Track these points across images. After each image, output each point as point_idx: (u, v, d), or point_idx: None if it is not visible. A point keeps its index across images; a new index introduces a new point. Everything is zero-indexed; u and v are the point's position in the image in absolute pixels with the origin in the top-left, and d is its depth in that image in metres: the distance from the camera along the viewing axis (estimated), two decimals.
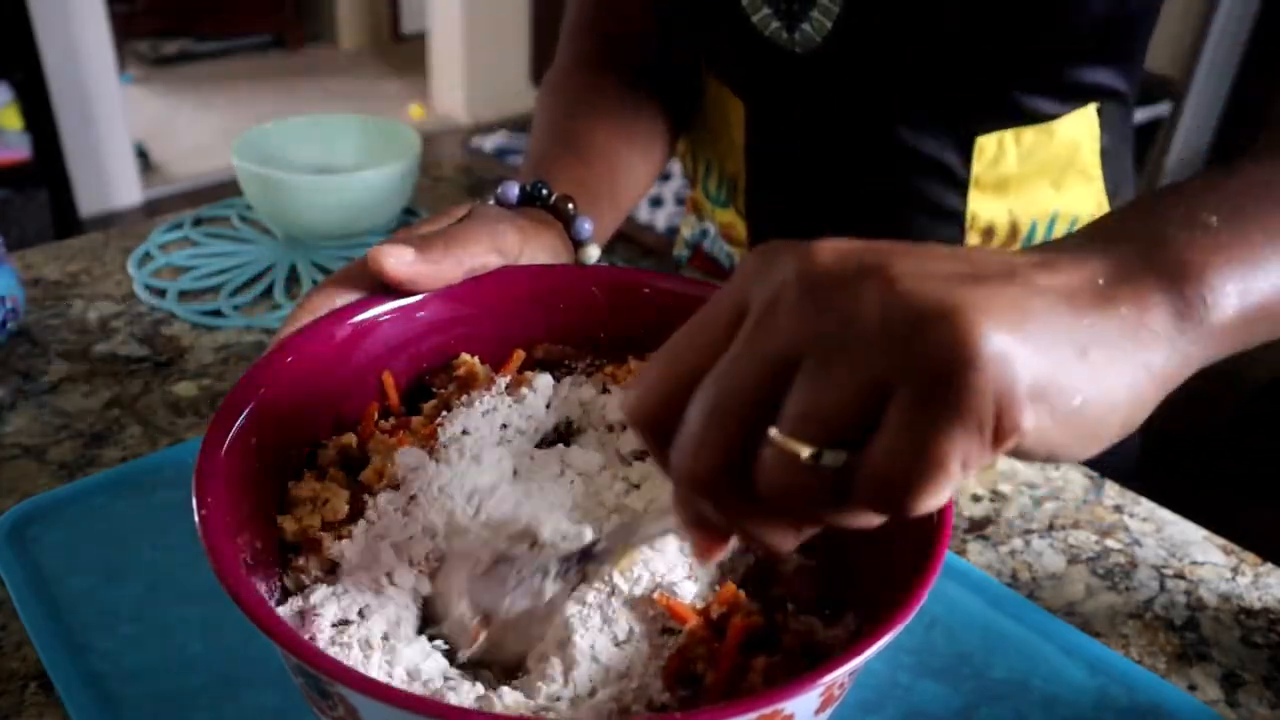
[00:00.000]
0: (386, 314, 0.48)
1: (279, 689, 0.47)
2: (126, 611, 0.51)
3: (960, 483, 0.28)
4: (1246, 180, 0.39)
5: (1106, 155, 0.71)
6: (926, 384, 0.26)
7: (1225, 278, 0.33)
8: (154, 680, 0.48)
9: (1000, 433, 0.27)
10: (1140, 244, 0.33)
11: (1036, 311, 0.28)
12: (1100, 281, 0.31)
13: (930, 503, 0.27)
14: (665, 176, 2.89)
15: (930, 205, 0.70)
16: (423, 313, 0.49)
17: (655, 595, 0.41)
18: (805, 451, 0.28)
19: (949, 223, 0.71)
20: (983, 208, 0.70)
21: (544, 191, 0.58)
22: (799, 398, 0.28)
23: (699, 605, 0.41)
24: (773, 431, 0.28)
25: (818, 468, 0.28)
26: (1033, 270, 0.30)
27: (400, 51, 4.70)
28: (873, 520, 0.29)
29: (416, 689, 0.38)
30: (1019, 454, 0.29)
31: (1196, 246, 0.34)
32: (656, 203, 3.38)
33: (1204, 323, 0.33)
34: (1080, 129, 0.69)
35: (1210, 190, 0.38)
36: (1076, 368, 0.29)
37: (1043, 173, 0.70)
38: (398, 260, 0.47)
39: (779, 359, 0.29)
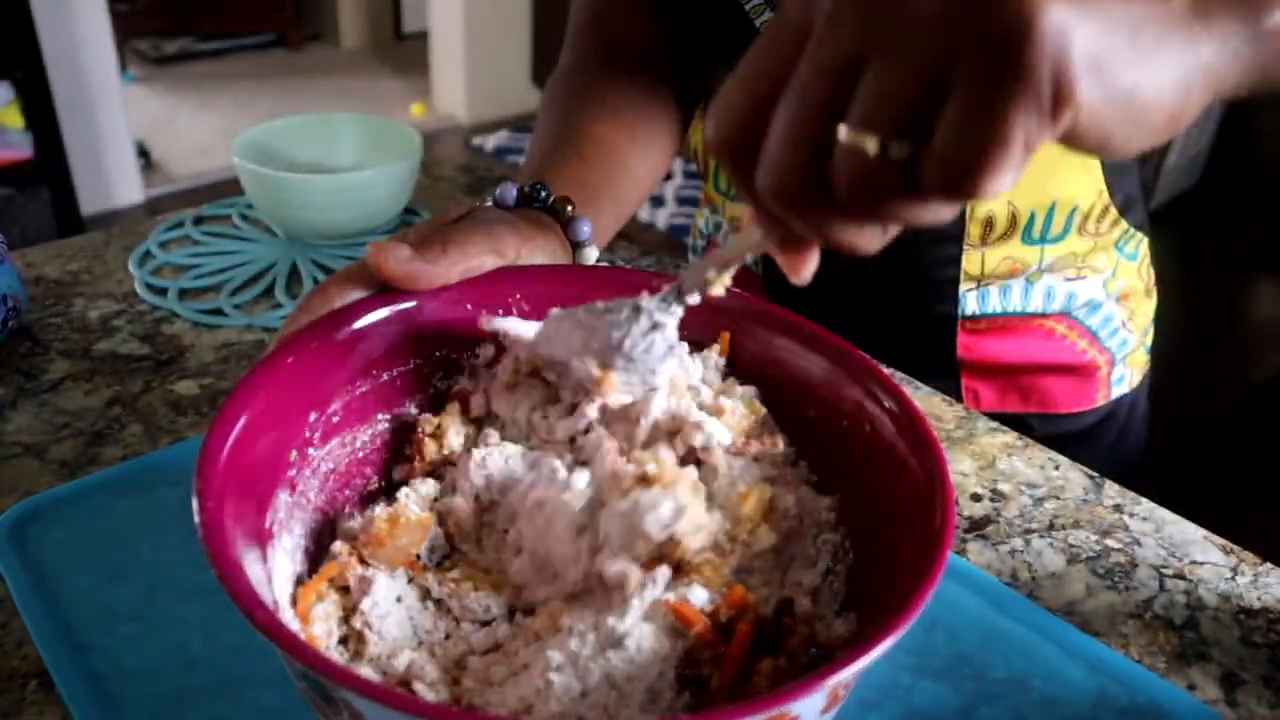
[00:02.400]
0: (385, 315, 0.48)
1: (279, 688, 0.47)
2: (127, 610, 0.51)
3: (1023, 165, 0.28)
4: None
5: None
6: (986, 59, 0.27)
7: None
8: (154, 679, 0.48)
9: (1058, 101, 0.27)
10: None
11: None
12: None
13: (997, 182, 0.28)
14: (667, 176, 2.89)
15: None
16: (421, 314, 0.49)
17: (663, 600, 0.41)
18: (872, 143, 0.29)
19: None
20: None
21: (542, 193, 0.58)
22: (865, 92, 0.29)
23: (708, 609, 0.41)
24: (841, 128, 0.29)
25: (886, 159, 0.29)
26: None
27: (401, 51, 4.70)
28: (945, 211, 0.30)
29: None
30: (1073, 140, 0.29)
31: None
32: (658, 202, 3.39)
33: (1260, 24, 0.33)
34: None
35: None
36: (1128, 48, 0.29)
37: (1041, 160, 0.71)
38: (395, 258, 0.47)
39: (847, 61, 0.29)
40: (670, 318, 0.44)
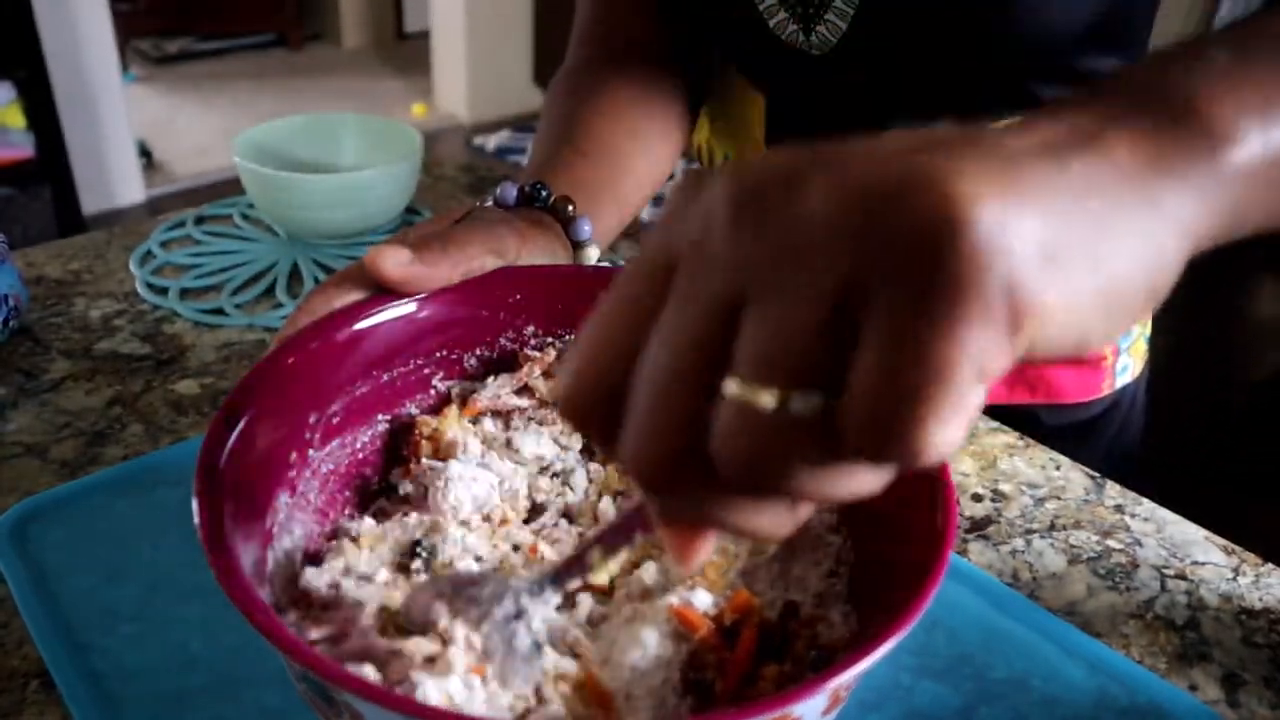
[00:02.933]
0: (385, 316, 0.48)
1: (279, 688, 0.47)
2: (127, 610, 0.51)
3: (978, 401, 0.22)
4: (1249, 30, 0.33)
5: None
6: (909, 273, 0.21)
7: (1240, 110, 0.28)
8: (154, 679, 0.48)
9: (1016, 313, 0.22)
10: (1133, 91, 0.28)
11: (1020, 164, 0.23)
12: (1086, 129, 0.26)
13: (943, 432, 0.21)
14: (670, 176, 2.89)
15: None
16: (421, 315, 0.49)
17: (668, 603, 0.41)
18: (768, 399, 0.22)
19: None
20: None
21: (543, 192, 0.58)
22: (752, 335, 0.23)
23: (712, 612, 0.41)
24: (729, 382, 0.23)
25: (788, 418, 0.22)
26: (1001, 134, 0.25)
27: (402, 50, 4.70)
28: (872, 479, 0.24)
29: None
30: (1043, 347, 0.23)
31: (1202, 81, 0.28)
32: (660, 201, 3.39)
33: (1223, 160, 0.27)
34: None
35: (1209, 41, 0.32)
36: (1081, 223, 0.24)
37: None
38: (394, 261, 0.47)
39: (723, 300, 0.24)
40: (541, 607, 0.38)
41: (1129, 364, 0.87)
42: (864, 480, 0.24)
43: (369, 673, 0.37)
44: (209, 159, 3.55)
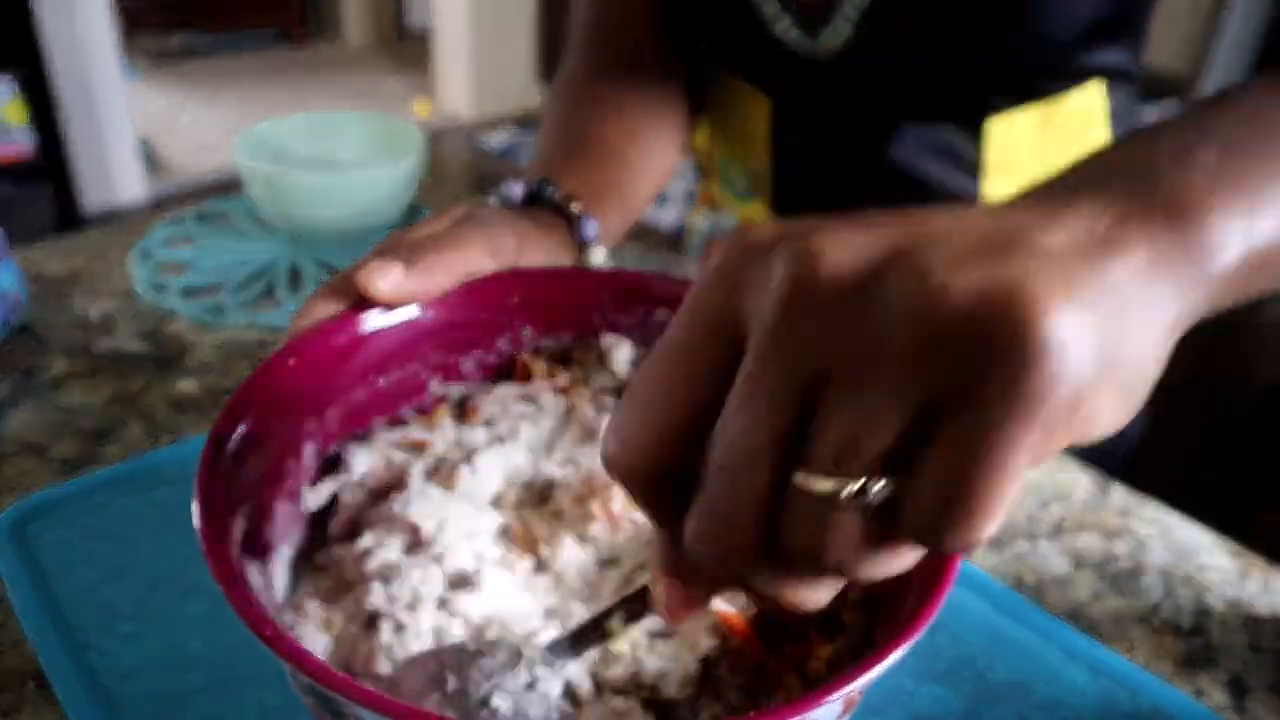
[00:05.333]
0: (383, 322, 0.48)
1: (279, 688, 0.47)
2: (126, 609, 0.51)
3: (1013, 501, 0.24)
4: (1236, 114, 0.35)
5: (1117, 118, 0.74)
6: (990, 384, 0.22)
7: (1227, 220, 0.30)
8: (153, 678, 0.47)
9: (1078, 418, 0.23)
10: (1134, 181, 0.29)
11: (1069, 269, 0.24)
12: (1105, 225, 0.27)
13: (990, 527, 0.23)
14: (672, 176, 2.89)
15: (947, 192, 0.72)
16: (418, 319, 0.49)
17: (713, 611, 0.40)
18: (850, 488, 0.23)
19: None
20: (997, 190, 0.73)
21: (548, 190, 0.58)
22: (833, 426, 0.24)
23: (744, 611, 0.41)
24: (809, 478, 0.24)
25: (862, 506, 0.24)
26: (1036, 230, 0.26)
27: (406, 48, 4.70)
28: (910, 561, 0.25)
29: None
30: (1079, 441, 0.25)
31: (1193, 186, 0.30)
32: (664, 201, 3.39)
33: (1209, 268, 0.29)
34: (1090, 102, 0.72)
35: (1198, 127, 0.34)
36: (1117, 323, 0.25)
37: (1054, 148, 0.72)
38: (387, 283, 0.46)
39: (801, 392, 0.24)
40: (557, 677, 0.36)
41: None
42: (909, 561, 0.25)
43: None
44: (211, 156, 3.54)
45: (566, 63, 0.78)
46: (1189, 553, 0.59)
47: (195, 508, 0.36)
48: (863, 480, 0.24)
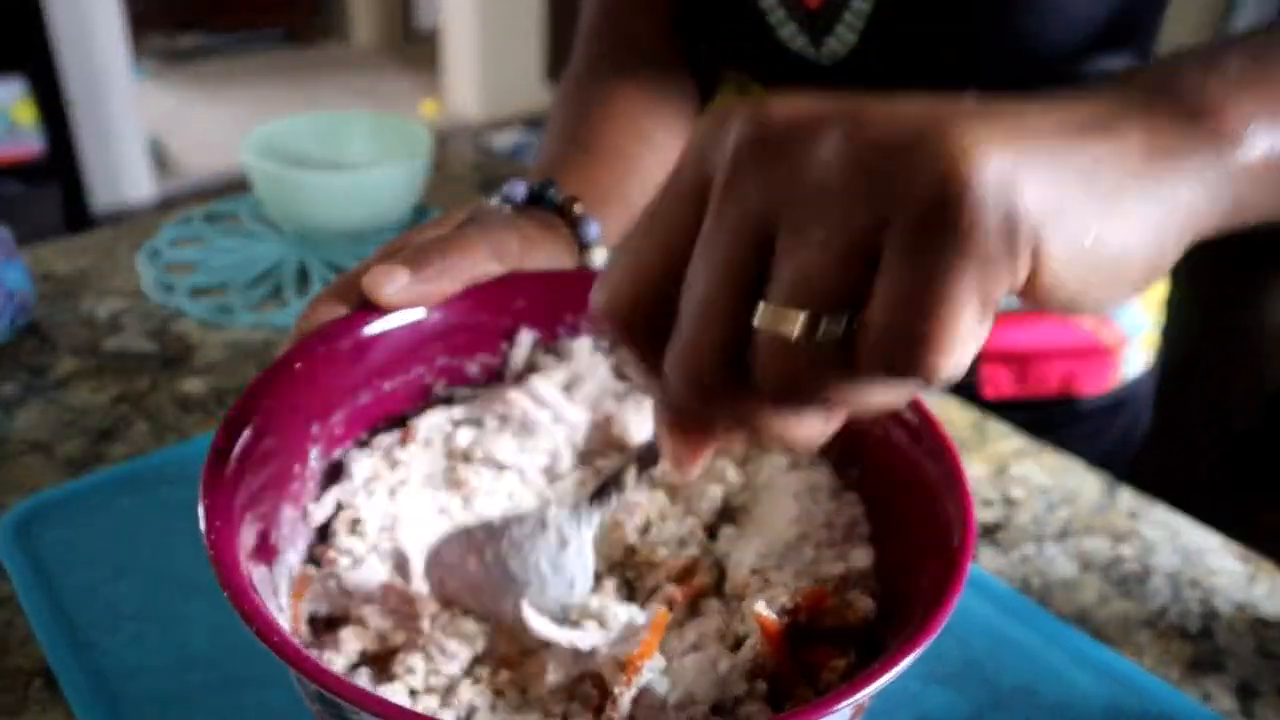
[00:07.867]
0: (387, 325, 0.48)
1: (283, 687, 0.47)
2: (131, 609, 0.51)
3: (982, 330, 0.25)
4: (1265, 39, 0.35)
5: None
6: (921, 214, 0.24)
7: (1251, 113, 0.30)
8: (158, 677, 0.48)
9: (1012, 254, 0.24)
10: (1149, 87, 0.30)
11: (1031, 133, 0.25)
12: (1103, 116, 0.28)
13: (950, 357, 0.24)
14: None
15: None
16: (422, 322, 0.49)
17: (755, 612, 0.40)
18: (800, 323, 0.25)
19: None
20: None
21: (550, 191, 0.58)
22: (784, 264, 0.26)
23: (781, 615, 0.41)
24: (761, 308, 0.26)
25: (817, 339, 0.25)
26: (1021, 109, 0.27)
27: (413, 48, 4.70)
28: (895, 393, 0.27)
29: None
30: (1039, 298, 0.26)
31: (1216, 85, 0.30)
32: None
33: (1229, 158, 0.29)
34: None
35: (1226, 47, 0.34)
36: (1084, 196, 0.26)
37: None
38: (392, 288, 0.46)
39: (755, 229, 0.26)
40: (584, 531, 0.39)
41: (1140, 356, 0.87)
42: (888, 394, 0.27)
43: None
44: (220, 155, 3.55)
45: (573, 61, 0.78)
46: (1196, 556, 0.59)
47: (201, 512, 0.36)
48: (814, 313, 0.25)
